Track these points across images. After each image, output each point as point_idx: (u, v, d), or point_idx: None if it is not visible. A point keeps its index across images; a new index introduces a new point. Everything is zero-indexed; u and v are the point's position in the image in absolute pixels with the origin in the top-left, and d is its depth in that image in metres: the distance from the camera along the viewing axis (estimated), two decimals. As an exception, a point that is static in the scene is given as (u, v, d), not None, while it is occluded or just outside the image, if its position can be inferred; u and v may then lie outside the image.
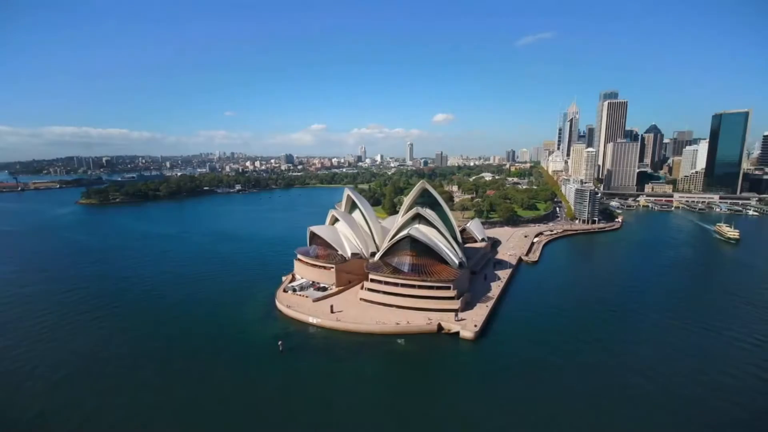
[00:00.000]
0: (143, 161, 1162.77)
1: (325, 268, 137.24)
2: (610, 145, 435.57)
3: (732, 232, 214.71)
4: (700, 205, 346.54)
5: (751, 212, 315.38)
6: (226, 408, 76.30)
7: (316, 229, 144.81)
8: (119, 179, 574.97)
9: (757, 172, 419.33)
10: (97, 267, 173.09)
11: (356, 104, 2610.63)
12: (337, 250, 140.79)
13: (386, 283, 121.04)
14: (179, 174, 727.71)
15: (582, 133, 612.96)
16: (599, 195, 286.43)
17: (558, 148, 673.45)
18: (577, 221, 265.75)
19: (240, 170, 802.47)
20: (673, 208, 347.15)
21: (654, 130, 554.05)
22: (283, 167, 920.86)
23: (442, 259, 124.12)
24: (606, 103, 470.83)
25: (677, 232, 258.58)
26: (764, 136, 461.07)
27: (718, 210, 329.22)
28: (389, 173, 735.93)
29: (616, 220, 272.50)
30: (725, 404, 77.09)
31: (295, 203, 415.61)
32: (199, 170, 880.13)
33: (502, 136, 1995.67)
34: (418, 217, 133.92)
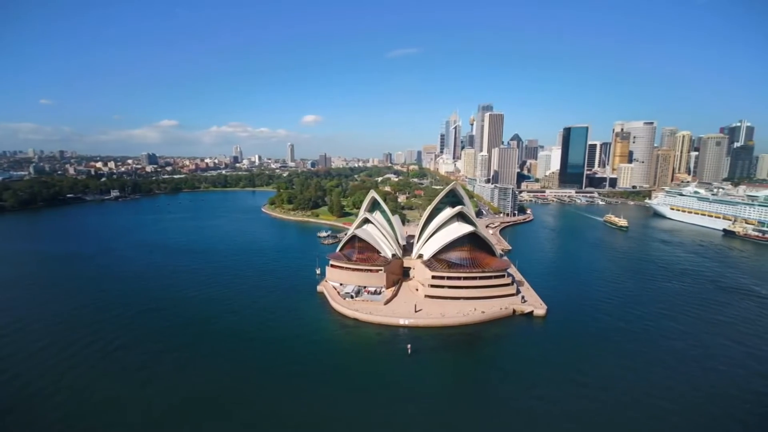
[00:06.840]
0: None
1: (372, 270, 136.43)
2: (496, 150, 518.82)
3: (622, 222, 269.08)
4: (566, 198, 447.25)
5: (600, 202, 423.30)
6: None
7: (360, 232, 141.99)
8: None
9: (589, 172, 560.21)
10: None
11: (213, 100, 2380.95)
12: (379, 253, 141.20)
13: (449, 278, 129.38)
14: (2, 179, 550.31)
15: (462, 139, 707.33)
16: (519, 192, 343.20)
17: (442, 152, 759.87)
18: (501, 215, 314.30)
19: (93, 172, 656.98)
20: (549, 201, 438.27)
21: (517, 138, 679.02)
22: (148, 169, 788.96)
23: (490, 252, 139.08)
24: (488, 114, 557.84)
25: (573, 221, 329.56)
26: (589, 145, 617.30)
27: (578, 201, 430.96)
28: (284, 175, 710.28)
29: (527, 212, 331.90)
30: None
31: (212, 209, 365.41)
32: (15, 173, 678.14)
33: (373, 140, 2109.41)
34: (459, 215, 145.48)
